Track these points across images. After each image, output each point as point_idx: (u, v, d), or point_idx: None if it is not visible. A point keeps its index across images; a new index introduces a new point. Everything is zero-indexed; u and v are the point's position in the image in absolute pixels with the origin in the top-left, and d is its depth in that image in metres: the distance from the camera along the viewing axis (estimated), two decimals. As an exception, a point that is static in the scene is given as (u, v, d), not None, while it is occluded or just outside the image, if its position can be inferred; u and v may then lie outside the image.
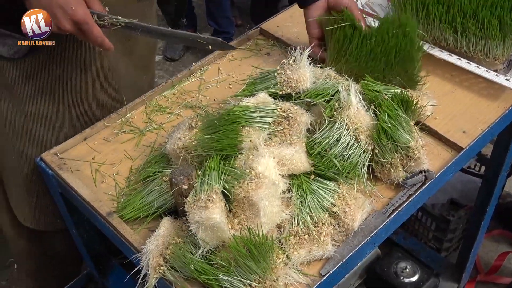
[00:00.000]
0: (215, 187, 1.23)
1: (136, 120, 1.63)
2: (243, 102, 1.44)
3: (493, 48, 1.63)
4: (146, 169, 1.45)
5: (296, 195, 1.34)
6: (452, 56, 1.69)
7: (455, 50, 1.70)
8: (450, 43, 1.69)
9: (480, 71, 1.64)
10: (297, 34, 1.86)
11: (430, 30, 1.71)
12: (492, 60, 1.66)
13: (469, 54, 1.68)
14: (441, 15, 1.66)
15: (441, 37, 1.70)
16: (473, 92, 1.67)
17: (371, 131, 1.42)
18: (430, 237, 2.52)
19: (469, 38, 1.65)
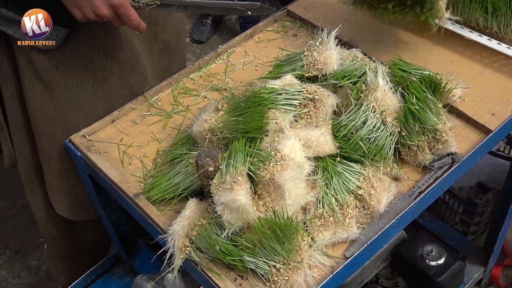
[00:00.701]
0: (240, 169, 1.23)
1: (163, 103, 1.63)
2: (269, 84, 1.43)
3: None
4: (172, 151, 1.45)
5: (321, 177, 1.33)
6: (483, 37, 1.65)
7: (486, 30, 1.66)
8: (481, 23, 1.65)
9: (511, 52, 1.60)
10: (324, 15, 1.84)
11: (460, 10, 1.67)
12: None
13: (500, 35, 1.64)
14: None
15: (471, 18, 1.66)
16: (504, 74, 1.63)
17: (398, 114, 1.40)
18: (457, 220, 2.48)
19: (500, 18, 1.60)
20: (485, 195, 2.43)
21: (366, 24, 1.79)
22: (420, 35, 1.73)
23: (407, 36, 1.74)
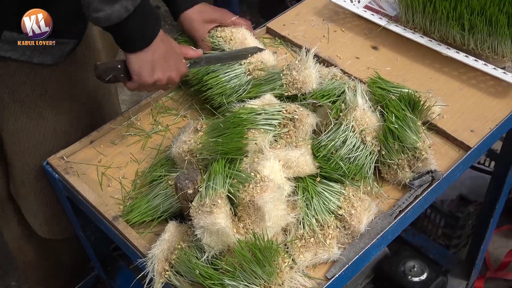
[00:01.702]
0: (220, 192, 1.22)
1: (142, 123, 1.62)
2: (249, 104, 1.43)
3: (501, 46, 1.59)
4: (151, 173, 1.44)
5: (301, 198, 1.32)
6: (460, 53, 1.66)
7: (463, 47, 1.67)
8: (458, 40, 1.66)
9: (487, 69, 1.61)
10: (304, 32, 1.84)
11: (437, 27, 1.68)
12: (500, 58, 1.63)
13: (477, 52, 1.65)
14: (448, 11, 1.62)
15: (448, 34, 1.67)
16: (481, 90, 1.64)
17: (378, 133, 1.40)
18: (439, 234, 2.49)
19: (476, 35, 1.61)
20: (466, 208, 2.45)
21: (344, 41, 1.80)
22: (399, 51, 1.74)
23: (385, 52, 1.75)
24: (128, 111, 1.62)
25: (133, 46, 1.32)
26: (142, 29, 1.30)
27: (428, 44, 1.69)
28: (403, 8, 1.74)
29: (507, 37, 1.57)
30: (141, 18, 1.28)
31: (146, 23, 1.31)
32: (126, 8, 1.23)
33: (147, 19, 1.31)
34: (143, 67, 1.35)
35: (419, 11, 1.69)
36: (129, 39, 1.31)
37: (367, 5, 1.90)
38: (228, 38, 1.62)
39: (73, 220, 1.66)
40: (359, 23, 1.84)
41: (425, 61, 1.71)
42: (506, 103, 1.60)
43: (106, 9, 1.21)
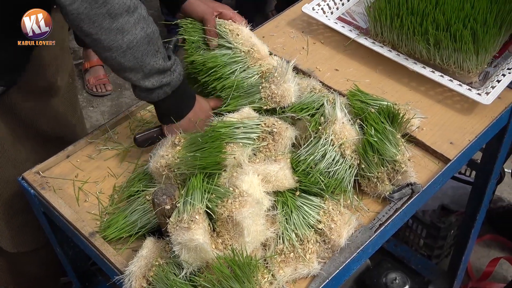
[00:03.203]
0: (198, 207, 1.22)
1: (120, 136, 1.61)
2: (227, 117, 1.43)
3: (466, 61, 1.60)
4: (129, 188, 1.43)
5: (281, 213, 1.32)
6: (426, 68, 1.67)
7: (429, 62, 1.68)
8: (424, 55, 1.68)
9: (452, 85, 1.62)
10: (283, 44, 1.85)
11: (404, 42, 1.70)
12: (466, 73, 1.64)
13: (443, 66, 1.66)
14: (414, 26, 1.64)
15: (416, 49, 1.68)
16: (460, 102, 1.66)
17: (357, 146, 1.41)
18: (421, 244, 2.51)
19: (442, 50, 1.63)
20: (448, 218, 2.47)
21: (324, 53, 1.81)
22: (378, 63, 1.75)
23: (364, 65, 1.76)
24: (105, 124, 1.61)
25: (168, 120, 1.45)
26: (177, 108, 1.45)
27: (396, 59, 1.70)
28: (371, 21, 1.75)
29: (471, 53, 1.58)
30: (176, 99, 1.43)
31: (181, 103, 1.45)
32: (165, 92, 1.39)
33: (182, 99, 1.45)
34: (175, 132, 1.44)
35: (386, 25, 1.70)
36: (165, 114, 1.45)
37: (340, 16, 1.91)
38: (235, 33, 1.60)
39: (50, 236, 1.64)
40: (337, 34, 1.84)
41: (402, 74, 1.72)
42: (485, 115, 1.62)
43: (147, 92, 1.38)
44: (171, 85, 1.38)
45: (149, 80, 1.35)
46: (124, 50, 1.28)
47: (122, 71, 1.33)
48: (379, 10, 1.71)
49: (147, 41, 1.30)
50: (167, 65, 1.36)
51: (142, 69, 1.32)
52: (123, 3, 1.24)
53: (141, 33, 1.28)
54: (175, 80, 1.39)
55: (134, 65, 1.31)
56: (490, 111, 1.62)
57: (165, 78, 1.36)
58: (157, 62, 1.33)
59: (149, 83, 1.35)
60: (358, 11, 1.94)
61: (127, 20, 1.25)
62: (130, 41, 1.27)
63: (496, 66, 1.72)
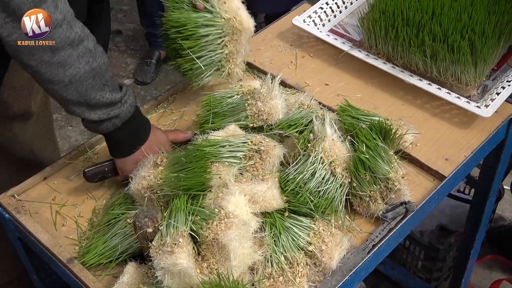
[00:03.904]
0: (181, 230, 1.23)
1: (100, 156, 1.62)
2: (212, 136, 1.44)
3: (464, 73, 1.63)
4: (109, 211, 1.44)
5: (269, 234, 1.34)
6: (423, 81, 1.70)
7: (426, 74, 1.71)
8: (421, 67, 1.70)
9: (450, 98, 1.65)
10: (270, 58, 1.87)
11: (400, 54, 1.72)
12: (464, 86, 1.67)
13: (441, 79, 1.69)
14: (410, 38, 1.67)
15: (412, 61, 1.71)
16: (455, 116, 1.68)
17: (348, 163, 1.42)
18: (419, 267, 2.52)
19: (439, 62, 1.65)
20: (447, 239, 2.48)
21: (313, 66, 1.84)
22: (369, 77, 1.78)
23: (356, 79, 1.79)
24: (84, 144, 1.62)
25: (118, 153, 1.45)
26: (128, 140, 1.44)
27: (391, 71, 1.73)
28: (365, 33, 1.78)
29: (469, 64, 1.61)
30: (127, 131, 1.42)
31: (133, 135, 1.44)
32: (114, 124, 1.38)
33: (134, 131, 1.44)
34: (126, 163, 1.46)
35: (381, 37, 1.73)
36: (115, 147, 1.45)
37: (332, 28, 1.95)
38: (223, 0, 1.62)
39: (25, 262, 1.64)
40: (328, 48, 1.88)
41: (396, 87, 1.75)
42: (481, 129, 1.64)
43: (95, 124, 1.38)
44: (120, 117, 1.38)
45: (95, 112, 1.35)
46: (66, 84, 1.28)
47: (65, 104, 1.34)
48: (373, 21, 1.75)
49: (92, 75, 1.30)
50: (116, 98, 1.36)
51: (87, 103, 1.32)
52: (65, 37, 1.25)
53: (86, 67, 1.29)
54: (124, 112, 1.38)
55: (78, 99, 1.31)
56: (486, 125, 1.65)
57: (113, 111, 1.36)
58: (103, 96, 1.33)
59: (95, 116, 1.35)
60: (351, 23, 1.97)
61: (70, 53, 1.26)
62: (73, 75, 1.28)
63: (495, 79, 1.75)
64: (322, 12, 1.95)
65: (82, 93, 1.31)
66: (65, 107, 1.35)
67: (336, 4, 1.99)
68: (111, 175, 1.50)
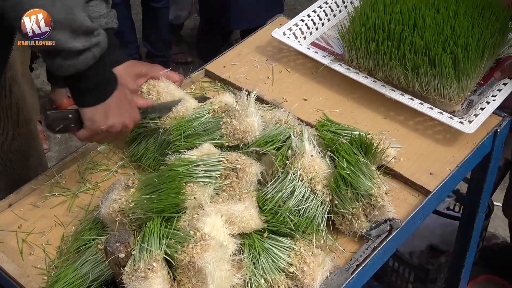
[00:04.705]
0: (155, 254, 1.24)
1: (68, 181, 1.64)
2: (185, 155, 1.47)
3: (447, 88, 1.67)
4: (79, 237, 1.45)
5: (248, 256, 1.35)
6: (405, 95, 1.73)
7: (408, 89, 1.75)
8: (402, 81, 1.74)
9: (433, 113, 1.68)
10: (246, 74, 1.91)
11: (381, 67, 1.76)
12: (447, 101, 1.70)
13: (423, 94, 1.72)
14: (391, 51, 1.70)
15: (393, 75, 1.75)
16: (438, 133, 1.72)
17: (328, 180, 1.45)
18: (410, 289, 2.54)
19: (421, 76, 1.69)
20: (438, 259, 2.51)
21: (291, 81, 1.87)
22: (349, 91, 1.82)
23: (335, 93, 1.83)
24: (51, 168, 1.64)
25: (91, 99, 1.41)
26: (102, 81, 1.40)
27: (372, 85, 1.76)
28: (346, 46, 1.83)
29: (452, 79, 1.65)
30: (103, 69, 1.39)
31: (107, 76, 1.42)
32: (94, 55, 1.34)
33: (107, 73, 1.42)
34: (97, 113, 1.41)
35: (362, 50, 1.77)
36: (87, 91, 1.40)
37: (314, 41, 1.99)
38: (156, 92, 1.65)
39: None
40: (306, 61, 1.92)
41: (377, 101, 1.79)
42: (466, 142, 1.68)
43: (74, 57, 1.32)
44: (100, 46, 1.35)
45: (77, 40, 1.31)
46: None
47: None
48: (353, 34, 1.79)
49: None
50: (94, 25, 1.34)
51: (71, 25, 1.30)
52: None
53: None
54: (103, 42, 1.36)
55: (64, 19, 1.29)
56: (471, 138, 1.69)
57: (94, 38, 1.34)
58: (85, 18, 1.32)
59: (78, 44, 1.31)
60: (334, 36, 2.00)
61: None
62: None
63: (481, 94, 1.79)
64: (303, 25, 1.99)
65: (68, 10, 1.29)
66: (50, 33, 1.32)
67: (318, 16, 2.03)
68: (74, 127, 1.44)
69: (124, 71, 1.61)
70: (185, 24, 4.40)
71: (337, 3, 2.08)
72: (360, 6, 1.85)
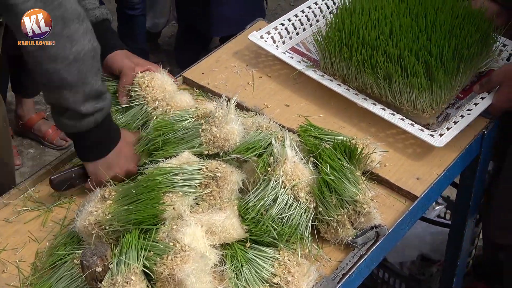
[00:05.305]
0: (133, 267, 1.26)
1: (41, 195, 1.64)
2: (164, 164, 1.48)
3: (419, 99, 1.68)
4: (54, 252, 1.45)
5: (230, 267, 1.37)
6: (377, 105, 1.75)
7: (382, 99, 1.76)
8: (375, 90, 1.75)
9: (403, 124, 1.69)
10: (225, 80, 1.93)
11: (354, 75, 1.78)
12: (420, 113, 1.71)
13: (396, 105, 1.74)
14: (364, 58, 1.72)
15: (366, 84, 1.76)
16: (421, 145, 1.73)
17: (312, 187, 1.47)
18: (401, 301, 2.56)
19: (393, 86, 1.70)
20: (429, 269, 2.53)
21: (272, 87, 1.89)
22: (333, 96, 1.84)
23: (317, 98, 1.85)
24: (23, 182, 1.64)
25: (93, 155, 1.52)
26: (105, 139, 1.52)
27: (345, 94, 1.78)
28: (320, 52, 1.85)
29: (424, 89, 1.66)
30: (105, 129, 1.50)
31: (109, 133, 1.52)
32: (96, 120, 1.45)
33: (110, 129, 1.52)
34: (99, 167, 1.52)
35: (336, 57, 1.79)
36: (90, 148, 1.51)
37: (294, 47, 2.01)
38: (145, 85, 1.69)
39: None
40: (286, 67, 1.93)
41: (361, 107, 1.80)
42: (453, 145, 1.71)
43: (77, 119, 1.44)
44: (103, 112, 1.46)
45: (84, 105, 1.41)
46: (70, 61, 1.35)
47: (61, 89, 1.39)
48: (327, 39, 1.81)
49: (93, 55, 1.38)
50: (104, 89, 1.44)
51: (84, 88, 1.39)
52: (75, 9, 1.33)
53: (89, 45, 1.37)
54: (107, 107, 1.46)
55: (77, 81, 1.37)
56: (459, 140, 1.71)
57: (99, 104, 1.44)
58: (97, 82, 1.41)
59: (84, 108, 1.41)
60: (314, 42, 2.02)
61: (77, 28, 1.34)
62: (78, 52, 1.35)
63: (459, 107, 1.79)
64: (283, 29, 2.01)
65: (83, 74, 1.38)
66: (59, 93, 1.40)
67: (300, 21, 2.05)
68: (79, 183, 1.55)
69: (124, 55, 1.71)
70: (163, 32, 4.40)
71: (321, 9, 2.09)
72: (338, 11, 1.88)
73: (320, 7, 2.10)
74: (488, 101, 1.75)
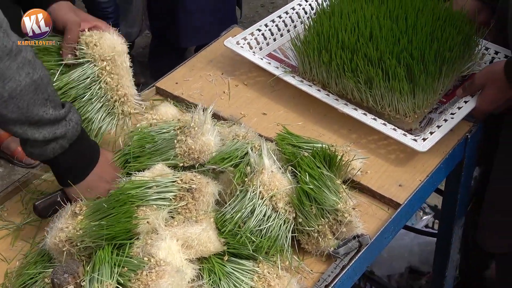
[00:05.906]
0: (107, 284, 1.27)
1: (10, 213, 1.65)
2: (136, 176, 1.49)
3: (401, 103, 1.71)
4: (24, 272, 1.46)
5: (207, 282, 1.38)
6: (358, 110, 1.77)
7: (363, 104, 1.79)
8: (356, 95, 1.78)
9: (386, 129, 1.71)
10: (200, 90, 1.94)
11: (334, 80, 1.80)
12: (403, 117, 1.74)
13: (378, 110, 1.76)
14: (344, 62, 1.75)
15: (347, 88, 1.79)
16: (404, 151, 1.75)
17: (291, 196, 1.49)
18: (390, 316, 2.58)
19: (374, 90, 1.72)
20: (418, 282, 2.56)
21: (248, 95, 1.92)
22: (312, 103, 1.86)
23: (296, 105, 1.88)
24: (-10, 200, 1.65)
25: (66, 182, 1.51)
26: (79, 164, 1.51)
27: (325, 99, 1.80)
28: (298, 56, 1.88)
29: (406, 93, 1.69)
30: (77, 154, 1.49)
31: (84, 158, 1.52)
32: (62, 146, 1.44)
33: (84, 153, 1.52)
34: (79, 191, 1.51)
35: (315, 61, 1.82)
36: (66, 174, 1.51)
37: (271, 53, 2.03)
38: (93, 43, 1.64)
39: None
40: (263, 74, 1.96)
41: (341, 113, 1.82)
42: (436, 150, 1.73)
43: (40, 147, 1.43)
44: (67, 137, 1.43)
45: (39, 131, 1.39)
46: (5, 99, 1.32)
47: (4, 124, 1.37)
48: (306, 43, 1.83)
49: (34, 88, 1.35)
50: (60, 114, 1.41)
51: (29, 121, 1.37)
52: (2, 45, 1.29)
53: (26, 80, 1.33)
54: (71, 132, 1.44)
55: (19, 116, 1.35)
56: (441, 145, 1.74)
57: (59, 130, 1.41)
58: (47, 112, 1.38)
59: (39, 135, 1.39)
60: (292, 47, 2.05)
61: (9, 65, 1.30)
62: (13, 89, 1.32)
63: (442, 112, 1.83)
64: (259, 35, 2.04)
65: (24, 110, 1.35)
66: (5, 127, 1.38)
67: (277, 26, 2.08)
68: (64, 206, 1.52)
69: (70, 7, 1.63)
70: (136, 42, 4.41)
71: (299, 14, 2.13)
72: (316, 15, 1.91)
73: (297, 12, 2.13)
74: (471, 105, 1.78)
